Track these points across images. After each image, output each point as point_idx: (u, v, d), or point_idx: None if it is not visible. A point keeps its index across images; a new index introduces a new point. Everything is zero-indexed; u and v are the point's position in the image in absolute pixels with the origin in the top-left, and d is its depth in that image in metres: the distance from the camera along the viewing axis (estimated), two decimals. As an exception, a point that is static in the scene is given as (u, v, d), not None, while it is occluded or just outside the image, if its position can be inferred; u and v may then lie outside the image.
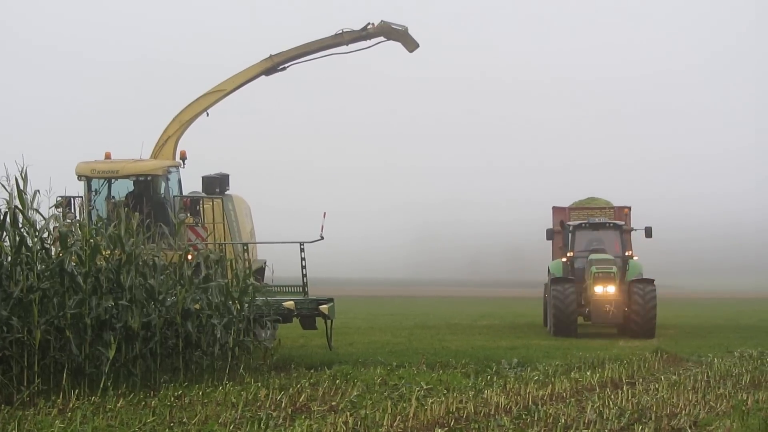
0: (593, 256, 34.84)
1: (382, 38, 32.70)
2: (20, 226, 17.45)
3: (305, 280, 23.87)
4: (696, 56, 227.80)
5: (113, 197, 26.75)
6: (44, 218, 18.47)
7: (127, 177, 27.06)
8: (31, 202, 17.73)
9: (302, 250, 23.74)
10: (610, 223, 36.49)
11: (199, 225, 27.25)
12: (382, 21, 32.49)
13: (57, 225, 18.73)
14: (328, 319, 23.97)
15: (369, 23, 32.47)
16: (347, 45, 32.58)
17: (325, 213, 26.70)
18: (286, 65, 32.47)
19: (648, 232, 36.29)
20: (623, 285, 34.33)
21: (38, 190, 17.85)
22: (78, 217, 25.21)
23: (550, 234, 38.21)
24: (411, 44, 32.85)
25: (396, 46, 32.96)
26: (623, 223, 36.89)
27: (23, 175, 17.52)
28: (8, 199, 17.47)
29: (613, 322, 34.22)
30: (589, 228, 36.33)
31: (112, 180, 27.04)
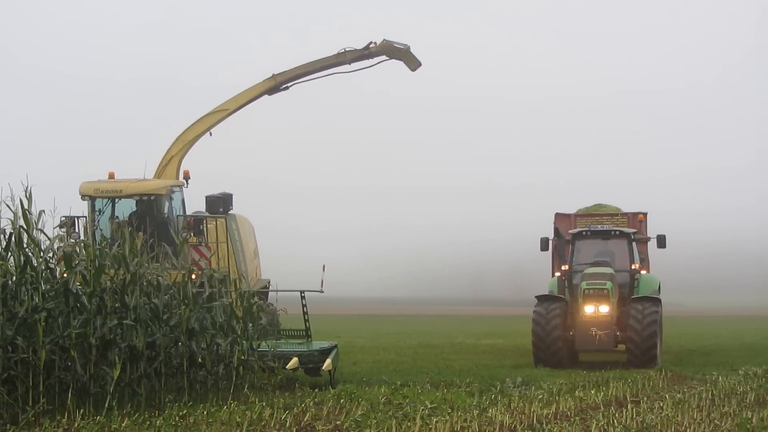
0: (588, 270, 29.87)
1: (384, 57, 32.80)
2: (25, 246, 17.50)
3: (308, 325, 23.75)
4: (698, 74, 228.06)
5: (117, 217, 26.78)
6: (49, 238, 18.53)
7: (130, 196, 27.12)
8: (36, 222, 17.79)
9: (303, 297, 23.65)
10: (616, 230, 31.15)
11: (203, 244, 27.27)
12: (384, 40, 32.60)
13: (61, 245, 18.77)
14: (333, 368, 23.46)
15: (371, 42, 32.59)
16: (350, 64, 32.68)
17: (324, 266, 27.36)
18: (288, 84, 32.55)
19: (661, 242, 31.46)
20: (626, 305, 29.55)
21: (43, 210, 17.91)
22: (82, 237, 25.21)
23: (545, 244, 31.66)
24: (413, 63, 32.94)
25: (398, 65, 33.03)
26: (634, 230, 31.78)
27: (28, 195, 17.57)
28: (13, 219, 17.51)
29: (601, 349, 29.03)
30: (591, 237, 31.14)
31: (116, 199, 27.08)
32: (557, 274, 30.91)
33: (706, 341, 42.87)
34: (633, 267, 30.44)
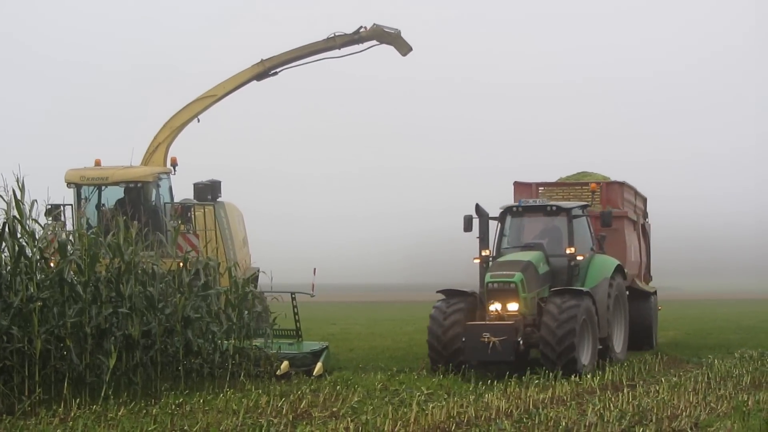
0: (502, 257, 24.17)
1: (374, 42, 32.35)
2: (19, 236, 17.48)
3: (298, 325, 23.69)
4: (694, 56, 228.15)
5: (103, 205, 26.48)
6: (42, 228, 18.52)
7: (116, 184, 26.71)
8: (29, 212, 17.78)
9: (293, 299, 23.59)
10: (552, 206, 24.64)
11: (191, 232, 26.96)
12: (374, 24, 32.17)
13: (51, 233, 18.72)
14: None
15: (361, 27, 32.11)
16: (339, 49, 32.22)
17: (315, 269, 27.28)
18: (277, 70, 32.08)
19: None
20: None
21: (35, 200, 17.90)
22: (69, 226, 24.93)
23: (469, 224, 24.72)
24: (404, 47, 32.55)
25: (389, 50, 32.67)
26: (583, 204, 25.71)
27: (20, 185, 17.56)
28: (6, 209, 17.50)
29: (496, 360, 22.24)
30: (524, 213, 24.88)
31: (102, 187, 26.74)
32: (475, 260, 24.74)
33: (703, 324, 42.90)
34: (568, 251, 24.36)
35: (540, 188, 28.45)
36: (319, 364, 22.29)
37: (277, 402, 17.11)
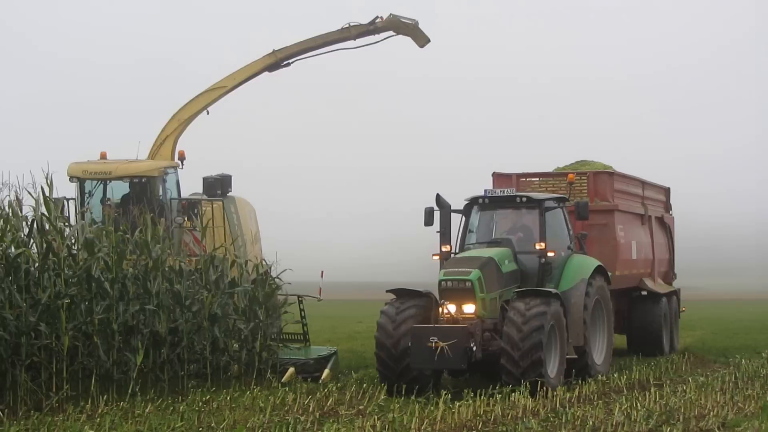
0: (460, 254, 21.65)
1: (391, 32, 31.44)
2: (47, 232, 17.55)
3: (305, 329, 23.50)
4: (694, 54, 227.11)
5: (108, 199, 25.97)
6: (70, 225, 18.58)
7: (120, 178, 25.97)
8: (58, 209, 17.85)
9: (301, 302, 23.37)
10: (522, 197, 21.87)
11: (197, 229, 26.21)
12: (391, 14, 31.33)
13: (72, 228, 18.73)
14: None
15: (377, 17, 31.21)
16: (354, 39, 31.31)
17: (323, 272, 26.98)
18: (290, 61, 31.17)
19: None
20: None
21: (65, 197, 17.96)
22: (75, 221, 24.40)
23: (430, 217, 21.96)
24: (421, 39, 31.74)
25: (405, 41, 32.07)
26: (561, 196, 23.18)
27: (49, 181, 17.63)
28: (35, 206, 17.57)
29: (446, 367, 20.00)
30: (491, 206, 22.23)
31: (107, 181, 26.02)
32: (435, 257, 22.01)
33: (728, 324, 42.70)
34: (538, 247, 21.41)
35: (522, 179, 25.47)
36: (326, 371, 21.79)
37: (303, 399, 17.14)
